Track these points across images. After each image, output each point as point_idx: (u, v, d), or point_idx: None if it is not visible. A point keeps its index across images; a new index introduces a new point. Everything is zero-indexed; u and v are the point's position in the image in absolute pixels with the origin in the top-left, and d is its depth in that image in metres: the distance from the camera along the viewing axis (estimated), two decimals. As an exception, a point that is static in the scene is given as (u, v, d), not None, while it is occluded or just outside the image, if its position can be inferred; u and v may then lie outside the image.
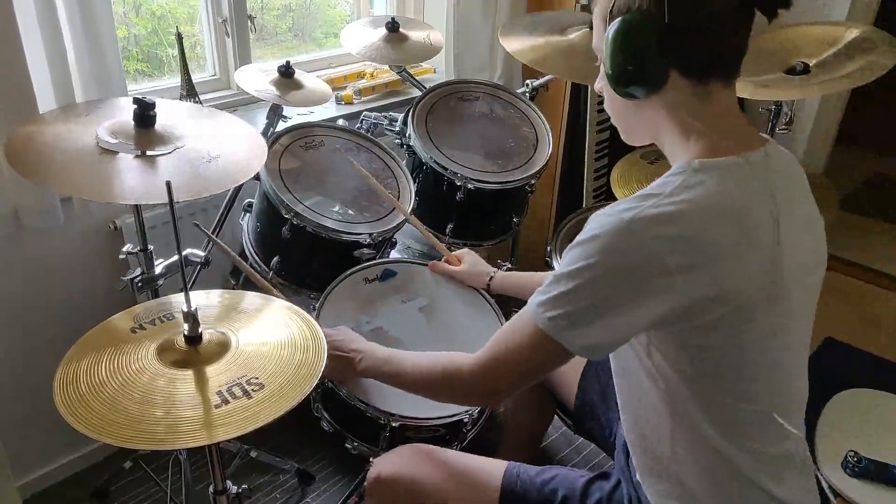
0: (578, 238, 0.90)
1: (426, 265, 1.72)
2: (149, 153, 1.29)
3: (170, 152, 1.31)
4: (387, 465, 1.19)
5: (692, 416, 0.92)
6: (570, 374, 1.40)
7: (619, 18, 0.90)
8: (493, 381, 1.00)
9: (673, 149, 0.96)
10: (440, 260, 1.66)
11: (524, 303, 0.98)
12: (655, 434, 0.98)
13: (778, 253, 0.90)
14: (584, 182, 2.37)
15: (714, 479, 0.95)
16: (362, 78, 2.37)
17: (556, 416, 1.63)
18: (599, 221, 0.88)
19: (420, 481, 1.14)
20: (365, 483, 1.24)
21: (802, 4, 1.33)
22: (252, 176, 1.36)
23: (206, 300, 1.20)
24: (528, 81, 2.17)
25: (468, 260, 1.64)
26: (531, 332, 0.92)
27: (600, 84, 1.00)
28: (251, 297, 1.21)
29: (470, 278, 1.62)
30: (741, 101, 1.43)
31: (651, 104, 0.94)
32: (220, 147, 1.37)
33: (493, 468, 1.15)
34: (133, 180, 1.24)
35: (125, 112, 1.38)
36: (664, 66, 0.90)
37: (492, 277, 1.58)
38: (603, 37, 0.94)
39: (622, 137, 1.05)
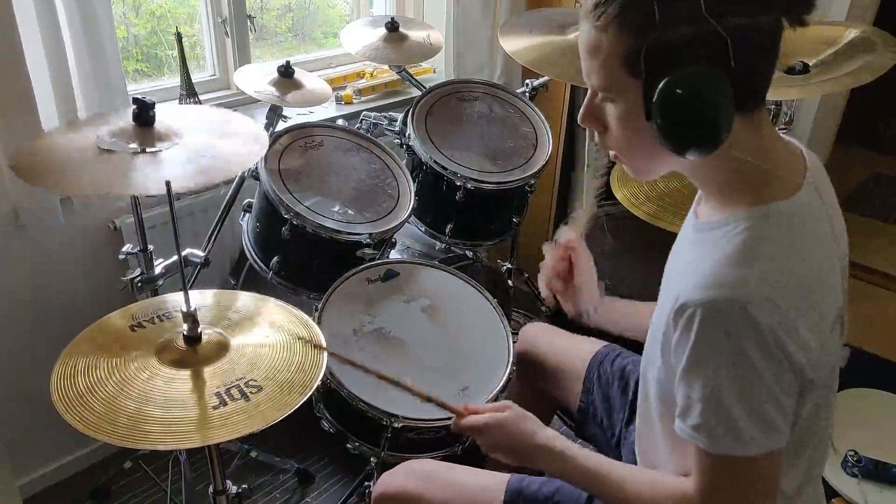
0: None
1: (429, 265, 1.72)
2: (149, 150, 1.29)
3: (168, 148, 1.31)
4: (391, 481, 1.19)
5: None
6: (573, 376, 1.40)
7: (682, 75, 0.76)
8: None
9: (716, 189, 0.89)
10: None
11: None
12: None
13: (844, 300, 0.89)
14: (585, 182, 2.37)
15: None
16: (362, 78, 2.37)
17: (557, 418, 1.63)
18: None
19: (424, 499, 1.14)
20: (370, 497, 1.23)
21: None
22: (253, 164, 1.33)
23: (204, 301, 1.19)
24: (527, 81, 2.17)
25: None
26: None
27: (612, 129, 0.88)
28: (249, 298, 1.21)
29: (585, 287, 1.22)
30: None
31: None
32: (219, 140, 1.37)
33: (496, 485, 1.14)
34: (132, 174, 1.23)
35: (126, 119, 1.37)
36: (733, 117, 0.78)
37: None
38: (619, 80, 0.81)
39: (633, 174, 0.95)
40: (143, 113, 1.32)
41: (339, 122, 1.93)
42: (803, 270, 0.82)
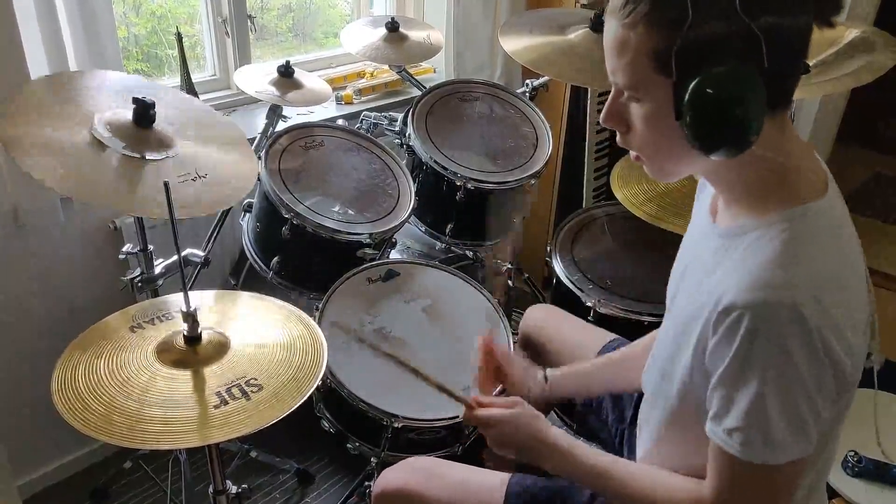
0: None
1: (429, 265, 1.72)
2: (148, 157, 1.28)
3: (163, 158, 1.30)
4: (392, 479, 1.19)
5: None
6: None
7: (716, 74, 0.74)
8: None
9: (741, 191, 0.87)
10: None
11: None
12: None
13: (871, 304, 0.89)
14: (584, 182, 2.37)
15: None
16: (362, 78, 2.37)
17: (556, 417, 1.63)
18: None
19: (425, 497, 1.14)
20: (371, 495, 1.23)
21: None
22: (239, 201, 1.34)
23: (204, 301, 1.19)
24: (527, 81, 2.17)
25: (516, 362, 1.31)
26: None
27: (637, 129, 0.86)
28: (249, 298, 1.21)
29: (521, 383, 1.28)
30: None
31: None
32: (210, 164, 1.36)
33: (497, 484, 1.13)
34: (131, 187, 1.23)
35: (118, 105, 1.35)
36: (764, 117, 0.77)
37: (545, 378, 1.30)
38: (647, 79, 0.80)
39: (654, 176, 0.92)
40: (143, 112, 1.31)
41: (340, 121, 1.93)
42: (843, 270, 0.82)
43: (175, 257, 1.48)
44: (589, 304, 1.69)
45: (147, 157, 1.28)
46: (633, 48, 0.79)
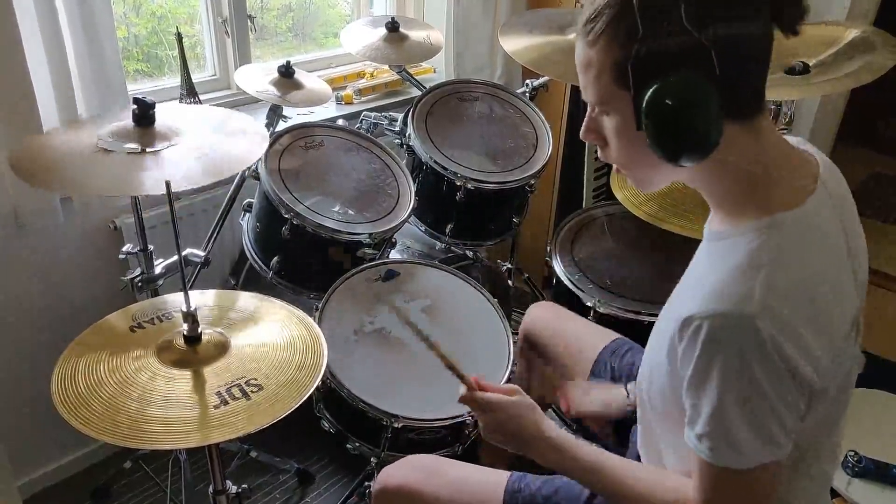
0: None
1: (429, 265, 1.72)
2: (149, 150, 1.29)
3: (167, 147, 1.31)
4: (392, 476, 1.20)
5: None
6: (579, 366, 1.39)
7: (664, 83, 0.77)
8: None
9: (719, 199, 0.89)
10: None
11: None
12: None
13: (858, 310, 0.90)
14: (584, 182, 2.37)
15: None
16: (362, 78, 2.37)
17: (556, 416, 1.63)
18: None
19: (424, 494, 1.15)
20: (371, 493, 1.23)
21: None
22: (254, 163, 1.33)
23: (204, 300, 1.19)
24: (527, 81, 2.17)
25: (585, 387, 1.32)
26: None
27: (610, 142, 0.89)
28: (249, 298, 1.21)
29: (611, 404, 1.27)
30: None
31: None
32: (220, 139, 1.37)
33: (496, 482, 1.14)
34: (133, 174, 1.24)
35: (127, 118, 1.37)
36: (722, 123, 0.79)
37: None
38: (611, 93, 0.83)
39: (637, 187, 0.95)
40: (144, 113, 1.32)
41: (340, 122, 1.93)
42: (809, 279, 0.82)
43: (175, 257, 1.48)
44: (589, 303, 1.69)
45: (148, 151, 1.29)
46: (596, 65, 0.84)
